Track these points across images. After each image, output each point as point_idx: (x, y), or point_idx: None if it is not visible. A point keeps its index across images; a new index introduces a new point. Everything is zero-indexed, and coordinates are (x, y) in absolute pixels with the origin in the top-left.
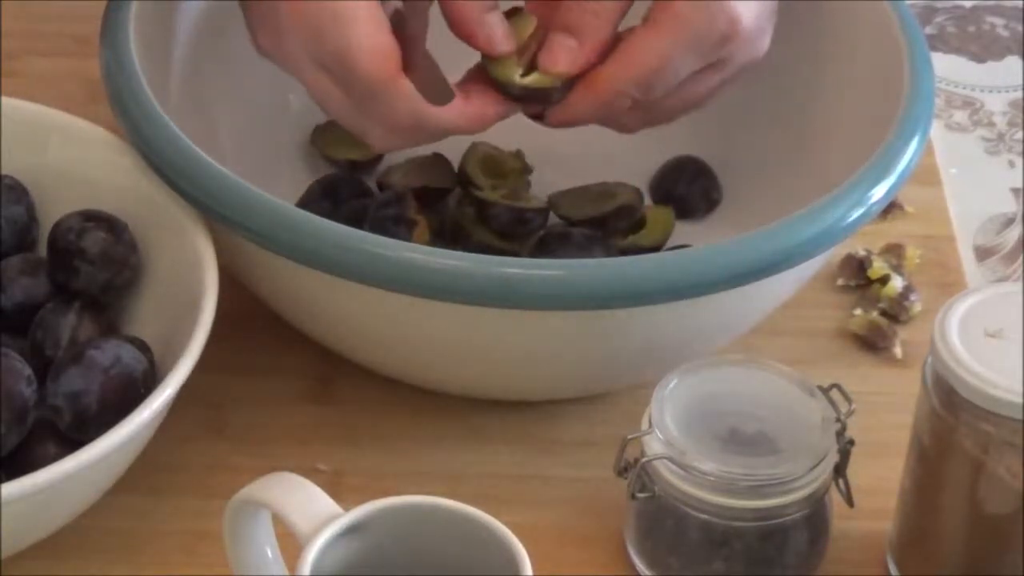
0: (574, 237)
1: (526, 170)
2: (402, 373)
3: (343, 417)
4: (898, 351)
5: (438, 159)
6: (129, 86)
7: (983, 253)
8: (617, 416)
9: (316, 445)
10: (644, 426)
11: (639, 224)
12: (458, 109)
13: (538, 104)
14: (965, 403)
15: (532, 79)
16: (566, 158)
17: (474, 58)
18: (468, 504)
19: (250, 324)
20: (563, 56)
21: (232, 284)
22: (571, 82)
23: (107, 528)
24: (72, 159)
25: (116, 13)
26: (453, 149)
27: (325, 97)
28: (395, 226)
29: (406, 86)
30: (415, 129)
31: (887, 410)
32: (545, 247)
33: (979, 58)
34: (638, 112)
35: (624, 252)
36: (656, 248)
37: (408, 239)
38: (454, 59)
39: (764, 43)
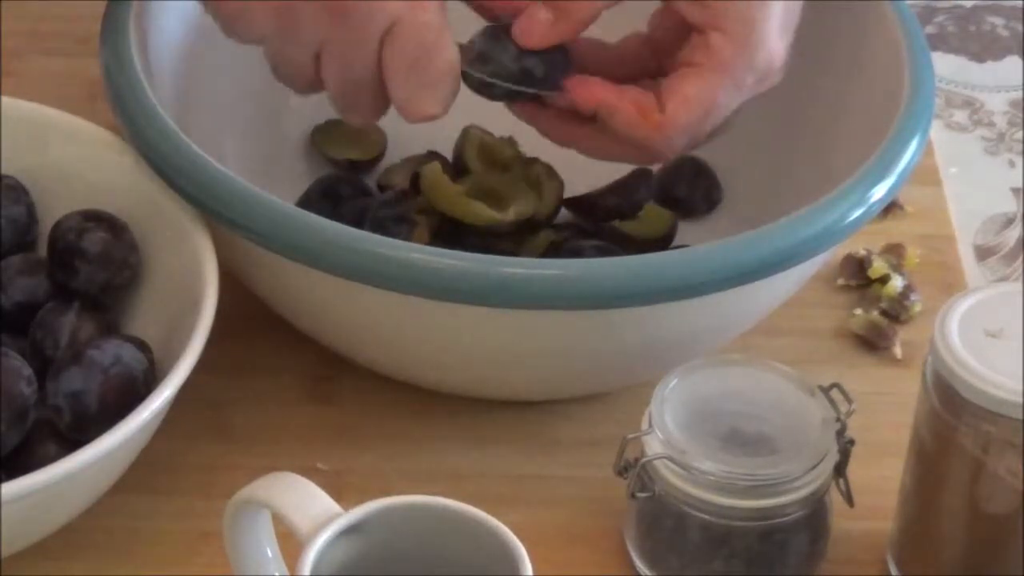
0: (586, 252)
1: (521, 158)
2: (402, 373)
3: (343, 417)
4: (898, 351)
5: (435, 158)
6: (129, 86)
7: (983, 253)
8: (617, 416)
9: (316, 445)
10: (644, 426)
11: (633, 211)
12: None
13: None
14: (965, 403)
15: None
16: (566, 159)
17: None
18: (468, 504)
19: (250, 324)
20: (537, 29)
21: (232, 284)
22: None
23: (107, 528)
24: (72, 159)
25: (116, 13)
26: (452, 149)
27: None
28: (395, 226)
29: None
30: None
31: (887, 410)
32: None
33: (979, 58)
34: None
35: (605, 235)
36: (639, 241)
37: (408, 239)
38: None
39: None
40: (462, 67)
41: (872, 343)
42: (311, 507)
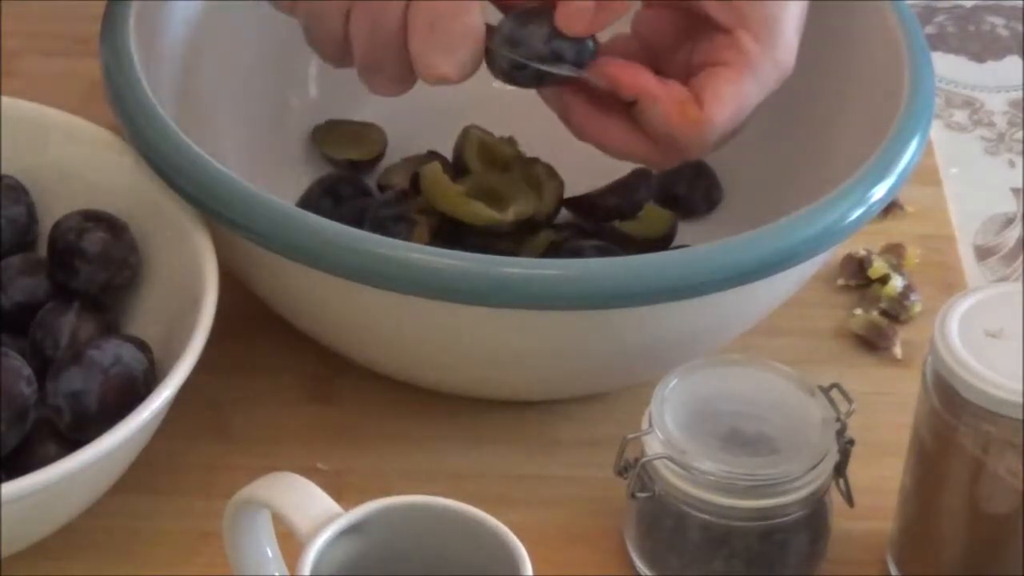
0: (586, 252)
1: (521, 158)
2: (402, 373)
3: (343, 417)
4: (898, 351)
5: (435, 158)
6: (129, 86)
7: (983, 253)
8: (617, 416)
9: (316, 445)
10: (644, 426)
11: (633, 211)
12: None
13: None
14: (965, 403)
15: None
16: (566, 159)
17: None
18: (468, 504)
19: (250, 324)
20: (582, 18)
21: (232, 284)
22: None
23: (107, 528)
24: (72, 159)
25: (116, 13)
26: (452, 149)
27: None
28: (395, 226)
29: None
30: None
31: (887, 410)
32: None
33: (979, 58)
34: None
35: (605, 235)
36: (639, 241)
37: (408, 239)
38: None
39: None
40: (492, 48)
41: (872, 343)
42: (311, 507)
